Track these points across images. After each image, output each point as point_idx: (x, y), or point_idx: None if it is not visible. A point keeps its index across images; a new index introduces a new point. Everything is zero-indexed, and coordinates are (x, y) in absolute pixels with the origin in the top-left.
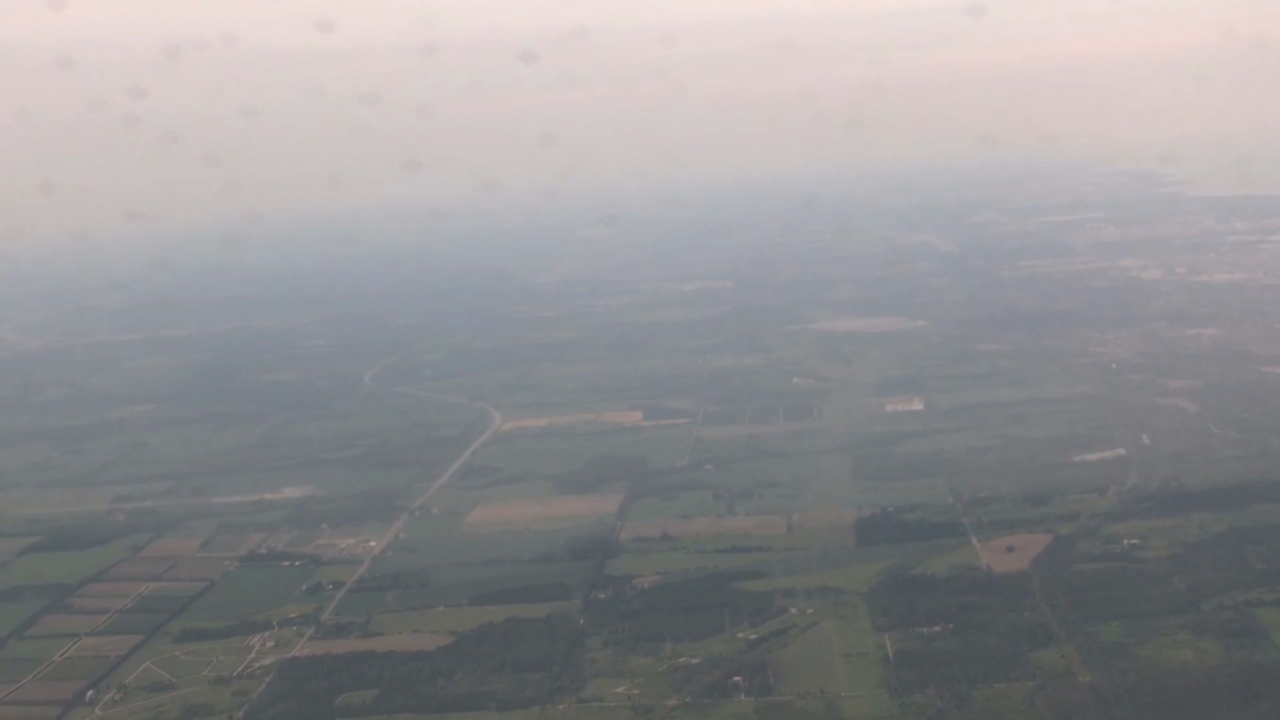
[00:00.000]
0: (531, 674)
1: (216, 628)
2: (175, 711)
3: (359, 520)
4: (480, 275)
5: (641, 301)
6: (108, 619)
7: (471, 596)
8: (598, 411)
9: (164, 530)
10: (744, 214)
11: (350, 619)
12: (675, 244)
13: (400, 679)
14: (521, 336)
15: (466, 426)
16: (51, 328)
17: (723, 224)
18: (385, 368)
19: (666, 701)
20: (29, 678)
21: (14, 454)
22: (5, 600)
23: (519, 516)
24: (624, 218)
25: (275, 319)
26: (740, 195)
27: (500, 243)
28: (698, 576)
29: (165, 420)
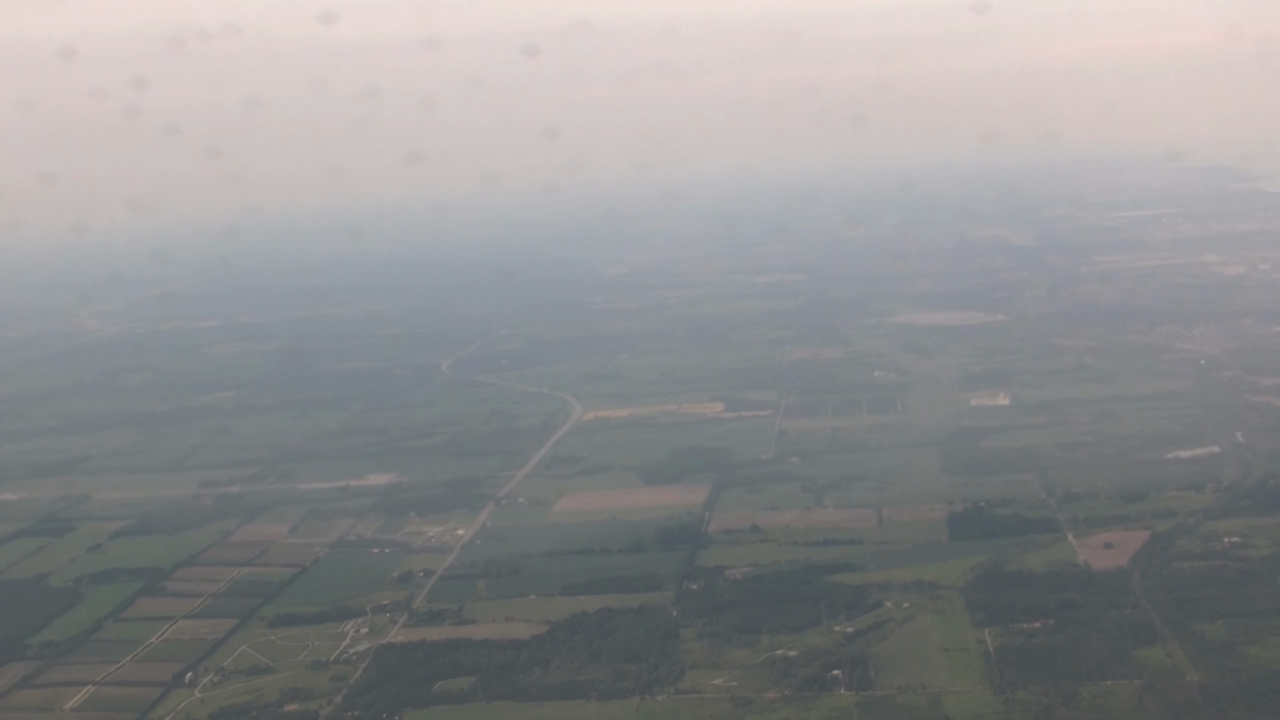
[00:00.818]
0: (628, 664)
1: (310, 613)
2: (274, 695)
3: (446, 508)
4: (548, 266)
5: (715, 293)
6: (202, 602)
7: (563, 586)
8: (678, 402)
9: (252, 515)
10: (797, 210)
11: (443, 606)
12: (745, 237)
13: (496, 667)
14: (597, 327)
15: (547, 416)
16: (130, 315)
17: (781, 220)
18: (462, 357)
19: (765, 694)
20: (128, 658)
21: (101, 438)
22: (100, 582)
23: (605, 506)
24: (685, 211)
25: (349, 308)
26: (789, 191)
27: (562, 234)
28: (790, 569)
29: (247, 407)
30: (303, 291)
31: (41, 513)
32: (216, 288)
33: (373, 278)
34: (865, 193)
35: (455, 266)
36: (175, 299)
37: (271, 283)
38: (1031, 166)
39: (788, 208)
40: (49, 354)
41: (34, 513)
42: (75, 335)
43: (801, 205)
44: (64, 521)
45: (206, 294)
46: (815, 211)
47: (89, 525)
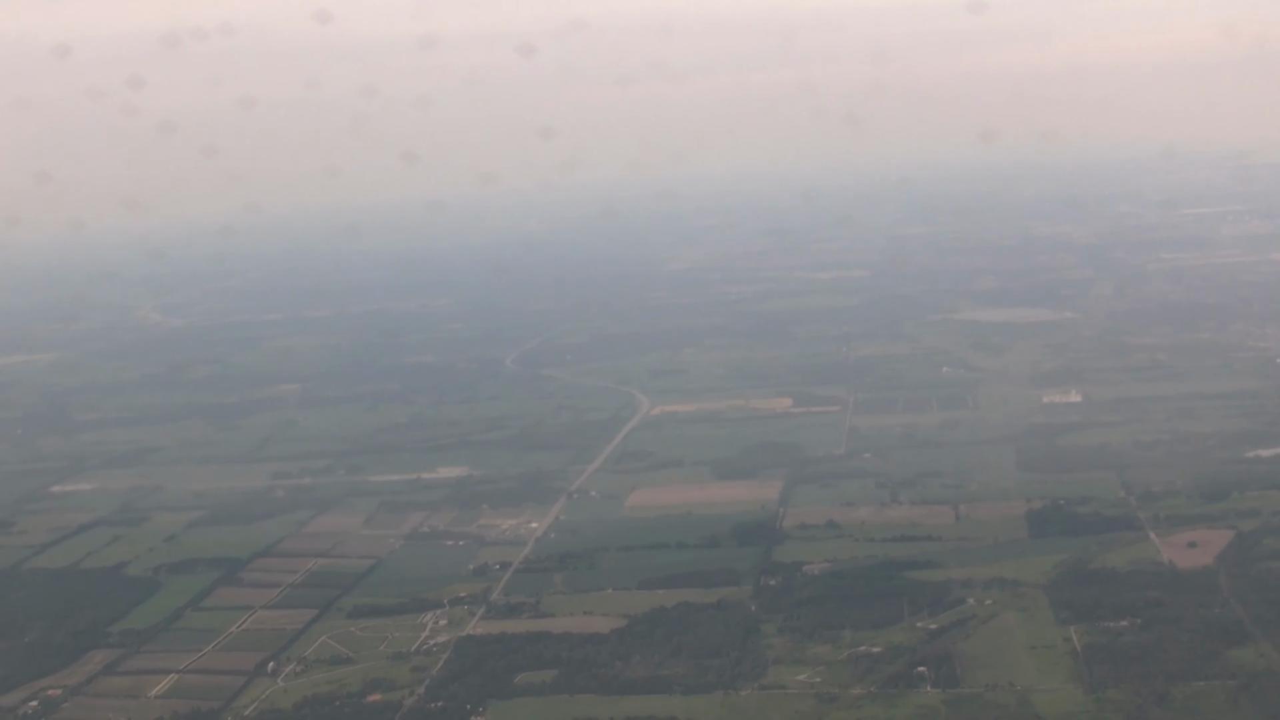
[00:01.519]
0: (709, 659)
1: (389, 604)
2: (356, 685)
3: (518, 502)
4: (607, 262)
5: (777, 289)
6: (280, 593)
7: (640, 580)
8: (746, 398)
9: (325, 507)
10: (856, 207)
11: (520, 599)
12: (804, 234)
13: (578, 660)
14: (660, 322)
15: (615, 410)
16: (191, 308)
17: (840, 216)
18: (525, 351)
19: (850, 690)
20: (209, 647)
21: (171, 430)
22: (179, 572)
23: (678, 501)
24: (742, 207)
25: (410, 302)
26: (838, 188)
27: (619, 230)
28: (868, 565)
29: (314, 399)
30: (360, 286)
31: (116, 503)
32: (274, 283)
33: (426, 274)
34: (895, 192)
35: (507, 263)
36: (234, 294)
37: (329, 278)
38: (1085, 164)
39: (844, 206)
40: (115, 347)
41: (109, 503)
42: (139, 328)
43: (859, 205)
44: (139, 511)
45: (265, 289)
46: (872, 210)
47: (164, 515)
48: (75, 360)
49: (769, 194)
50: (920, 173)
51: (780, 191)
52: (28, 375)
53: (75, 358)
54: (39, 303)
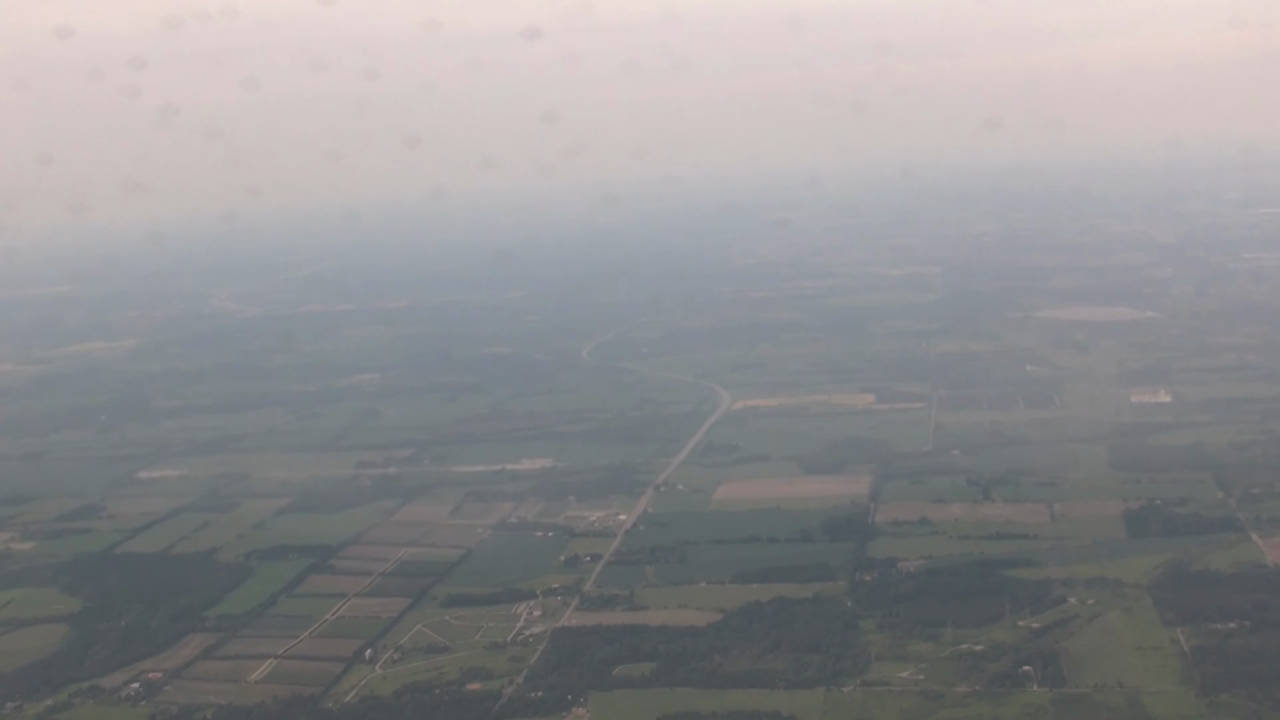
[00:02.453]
0: (809, 654)
1: (482, 594)
2: (454, 673)
3: (604, 494)
4: (676, 257)
5: (850, 285)
6: (372, 581)
7: (733, 574)
8: (828, 393)
9: (412, 496)
10: (916, 202)
11: (613, 591)
12: (873, 229)
13: (675, 654)
14: (735, 316)
15: (696, 404)
16: (265, 297)
17: (912, 212)
18: (602, 343)
19: (955, 688)
20: (306, 633)
21: (254, 418)
22: (270, 558)
23: (767, 495)
24: (815, 202)
25: (483, 294)
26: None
27: (685, 224)
28: (965, 562)
29: (393, 389)
30: (433, 278)
31: (204, 489)
32: (346, 273)
33: (497, 266)
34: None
35: (577, 256)
36: (306, 284)
37: (400, 269)
38: (1158, 165)
39: (911, 201)
40: (192, 335)
41: (196, 489)
42: (215, 317)
43: (925, 199)
44: (227, 498)
45: (337, 279)
46: (937, 205)
47: (251, 502)
48: (154, 348)
49: (828, 190)
50: (971, 171)
51: (842, 186)
52: (108, 362)
53: (153, 345)
54: (116, 291)
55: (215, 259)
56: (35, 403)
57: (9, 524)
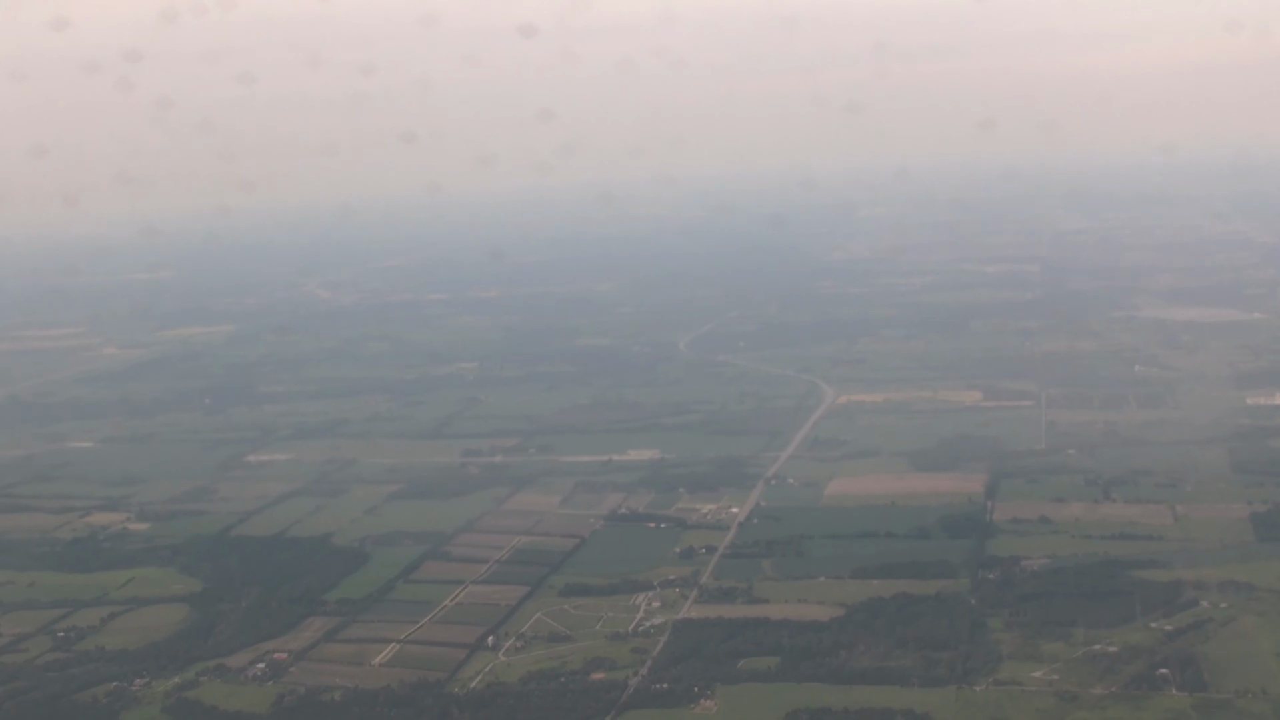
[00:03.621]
0: (937, 652)
1: (599, 584)
2: (578, 662)
3: (714, 486)
4: (763, 251)
5: (946, 282)
6: (488, 568)
7: (853, 569)
8: (934, 389)
9: (520, 485)
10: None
11: (732, 584)
12: (966, 227)
13: (800, 648)
14: (830, 312)
15: (800, 398)
16: (357, 286)
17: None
18: (698, 336)
19: (1091, 690)
20: (427, 619)
21: (356, 404)
22: (384, 544)
23: (880, 491)
24: (903, 199)
25: (575, 285)
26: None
27: (767, 217)
28: (1090, 562)
29: (492, 379)
30: (521, 270)
31: (313, 473)
32: (433, 264)
33: (586, 259)
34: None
35: (664, 250)
36: (397, 273)
37: (486, 261)
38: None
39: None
40: (288, 321)
41: (306, 473)
42: (309, 304)
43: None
44: (337, 483)
45: (425, 269)
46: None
47: (361, 488)
48: (251, 334)
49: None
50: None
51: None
52: (208, 347)
53: (251, 331)
54: (208, 278)
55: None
56: (140, 385)
57: (123, 504)
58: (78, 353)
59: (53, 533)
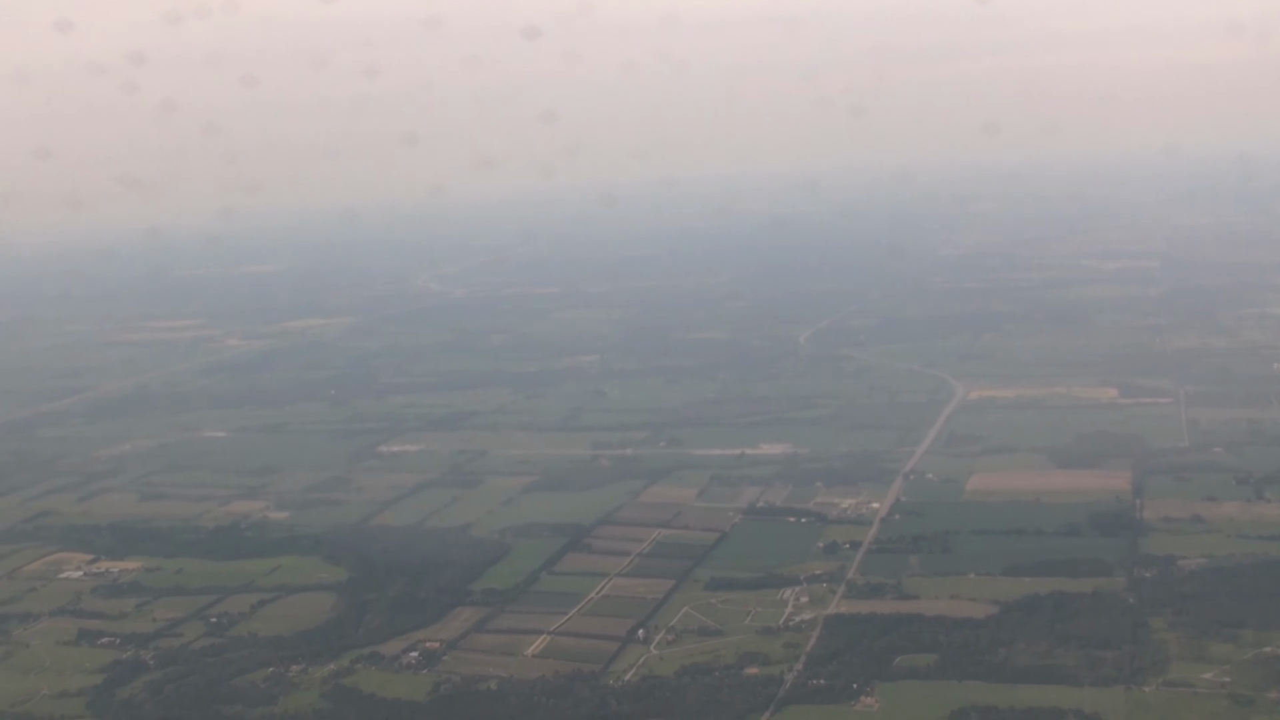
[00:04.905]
0: (1100, 651)
1: (745, 578)
2: (730, 657)
3: (852, 481)
4: (872, 247)
5: (1064, 277)
6: (630, 561)
7: (1004, 566)
8: (1066, 385)
9: (654, 478)
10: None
11: (879, 580)
12: (1078, 221)
13: (957, 645)
14: (949, 307)
15: (929, 393)
16: (467, 279)
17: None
18: (817, 331)
19: (1267, 694)
20: (574, 611)
21: (481, 396)
22: (524, 535)
23: (1022, 487)
24: (1011, 194)
25: (686, 279)
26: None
27: (872, 213)
28: (1251, 563)
29: (614, 371)
30: (629, 263)
31: (446, 465)
32: (540, 257)
33: (688, 252)
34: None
35: (778, 244)
36: (506, 267)
37: (592, 254)
38: None
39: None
40: (404, 313)
41: (438, 464)
42: (422, 297)
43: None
44: (470, 474)
45: (532, 263)
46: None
47: (495, 479)
48: (370, 326)
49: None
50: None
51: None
52: (328, 339)
53: (369, 323)
54: (321, 270)
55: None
56: (266, 376)
57: (262, 493)
58: (201, 344)
59: (195, 520)
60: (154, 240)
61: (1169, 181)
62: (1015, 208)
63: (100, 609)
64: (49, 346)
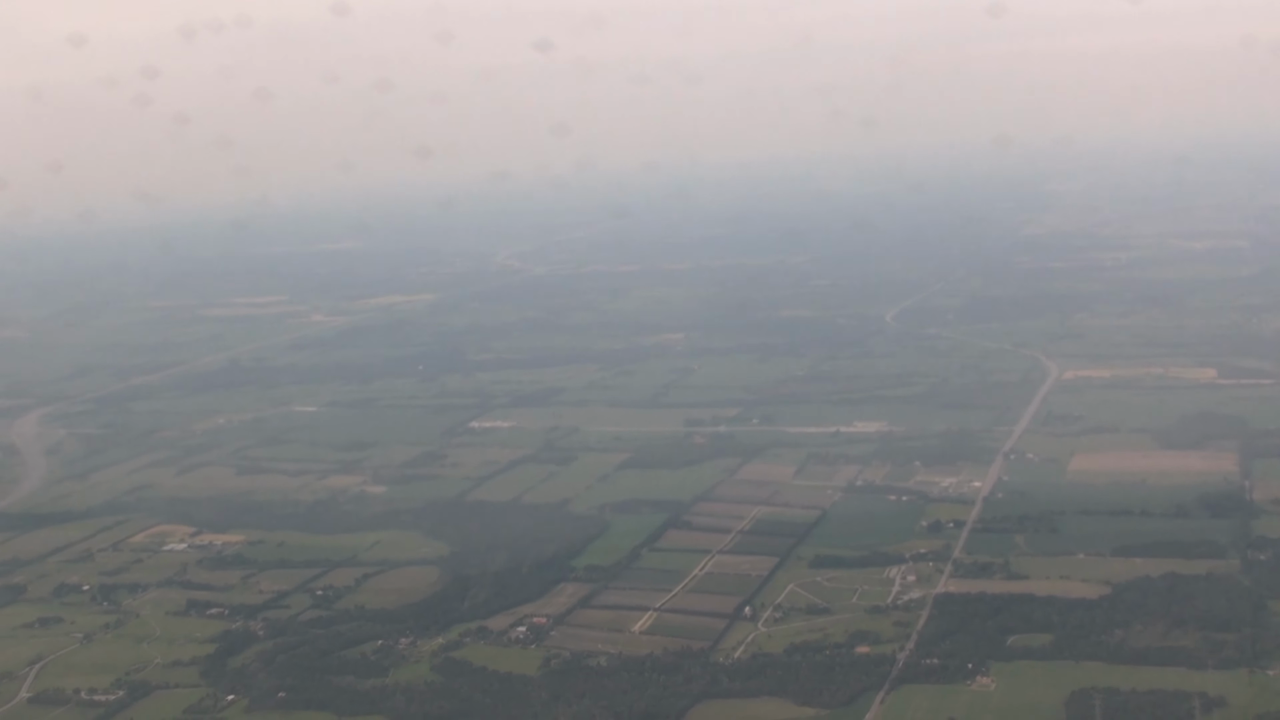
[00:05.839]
0: (1218, 633)
1: (849, 556)
2: (840, 635)
3: (951, 460)
4: (955, 225)
5: (1152, 257)
6: (732, 539)
7: (1114, 547)
8: (1163, 366)
9: (750, 456)
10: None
11: (986, 559)
12: (1158, 201)
13: (1072, 626)
14: (1036, 286)
15: (1023, 372)
16: (544, 257)
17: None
18: (903, 310)
19: None
20: (679, 588)
21: (568, 373)
22: (622, 512)
23: (1126, 468)
24: (1094, 173)
25: (766, 258)
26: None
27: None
28: None
29: (701, 349)
30: (705, 242)
31: (538, 441)
32: (610, 237)
33: (764, 232)
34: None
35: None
36: (582, 245)
37: (666, 234)
38: None
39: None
40: (486, 291)
41: (531, 440)
42: (503, 275)
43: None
44: (564, 450)
45: (604, 242)
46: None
47: (589, 456)
48: (453, 302)
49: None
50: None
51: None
52: (411, 315)
53: (451, 300)
54: (401, 248)
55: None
56: (352, 352)
57: (358, 468)
58: (286, 320)
59: (293, 494)
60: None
61: (1256, 162)
62: (1094, 188)
63: (207, 580)
64: (136, 322)
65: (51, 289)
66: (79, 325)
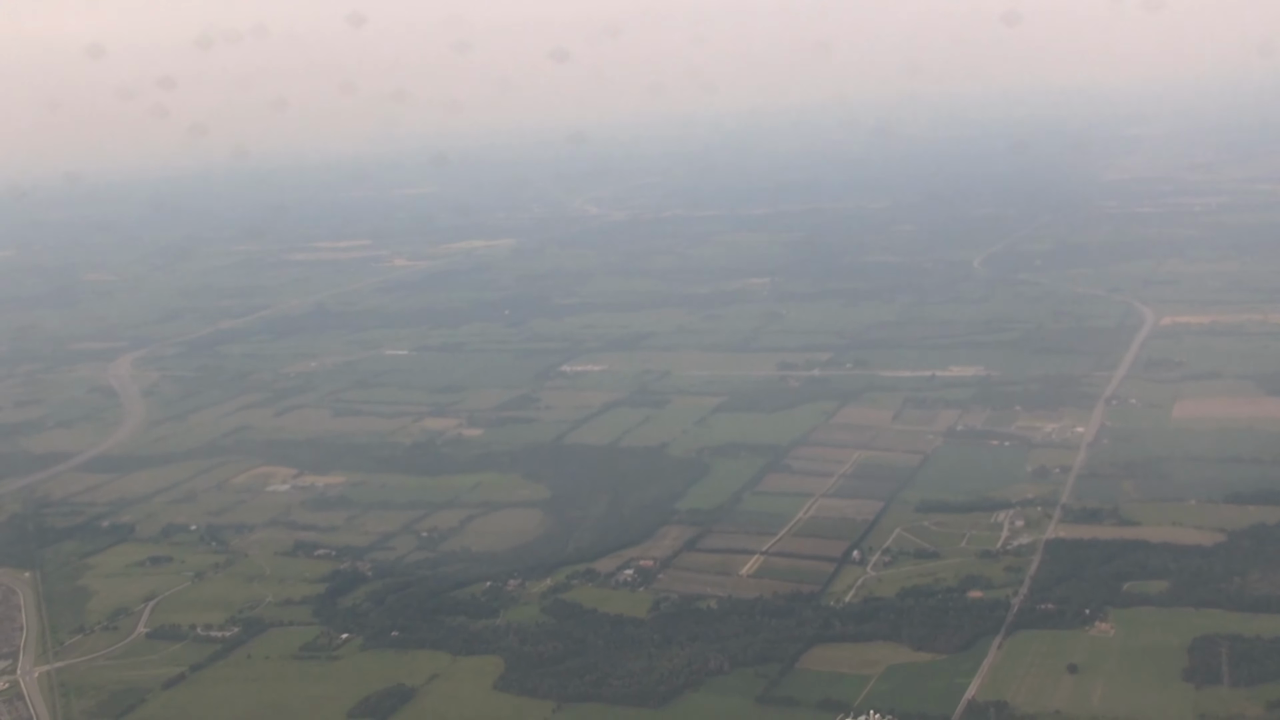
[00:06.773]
0: None
1: (955, 501)
2: (951, 579)
3: (1052, 405)
4: (1033, 171)
5: (1243, 202)
6: (834, 482)
7: (1226, 494)
8: (1263, 312)
9: (846, 400)
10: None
11: (1095, 505)
12: (1240, 147)
13: (1189, 573)
14: (1125, 231)
15: (1118, 318)
16: (624, 202)
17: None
18: (990, 255)
19: None
20: (784, 531)
21: (656, 316)
22: (721, 455)
23: (1232, 415)
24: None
25: (846, 202)
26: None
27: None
28: None
29: (787, 294)
30: (783, 187)
31: (631, 385)
32: (688, 182)
33: (835, 175)
34: None
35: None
36: (657, 190)
37: (737, 179)
38: None
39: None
40: (566, 236)
41: (624, 384)
42: (581, 219)
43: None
44: (657, 394)
45: (683, 187)
46: None
47: (683, 399)
48: (534, 247)
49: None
50: None
51: None
52: (493, 260)
53: (533, 245)
54: (479, 194)
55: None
56: (437, 296)
57: (453, 410)
58: (369, 264)
59: (390, 437)
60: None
61: None
62: (1176, 132)
63: (311, 521)
64: (220, 266)
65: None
66: (165, 269)
